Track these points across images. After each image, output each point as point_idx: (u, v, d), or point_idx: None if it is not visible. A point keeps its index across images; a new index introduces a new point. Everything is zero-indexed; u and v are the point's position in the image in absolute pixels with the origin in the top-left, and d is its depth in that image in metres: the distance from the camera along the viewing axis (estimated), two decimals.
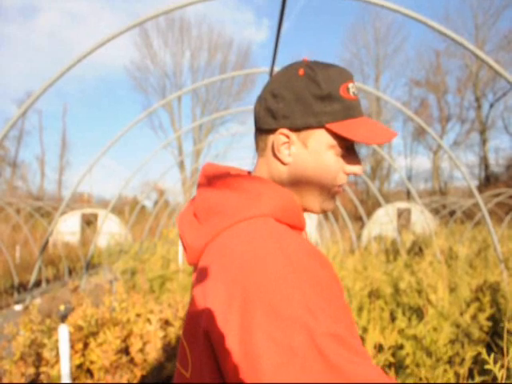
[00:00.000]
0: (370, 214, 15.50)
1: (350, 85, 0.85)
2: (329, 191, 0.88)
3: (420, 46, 40.86)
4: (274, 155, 0.87)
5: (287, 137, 0.85)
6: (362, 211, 8.40)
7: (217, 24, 46.27)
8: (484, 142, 27.64)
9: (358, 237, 11.47)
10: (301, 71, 0.84)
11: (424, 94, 29.98)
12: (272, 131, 0.86)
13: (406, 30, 31.51)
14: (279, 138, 0.85)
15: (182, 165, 27.67)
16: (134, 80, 30.38)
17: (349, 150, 0.87)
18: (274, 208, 0.80)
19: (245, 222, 0.77)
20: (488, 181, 26.25)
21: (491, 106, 27.36)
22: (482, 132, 27.55)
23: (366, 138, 0.81)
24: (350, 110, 0.84)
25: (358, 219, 15.55)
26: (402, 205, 15.65)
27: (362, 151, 29.90)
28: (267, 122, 0.87)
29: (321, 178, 0.86)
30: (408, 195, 25.93)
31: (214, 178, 0.88)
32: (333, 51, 42.11)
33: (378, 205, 14.82)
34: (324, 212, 0.92)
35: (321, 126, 0.83)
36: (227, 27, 41.86)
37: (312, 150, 0.84)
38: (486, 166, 27.62)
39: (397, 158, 30.92)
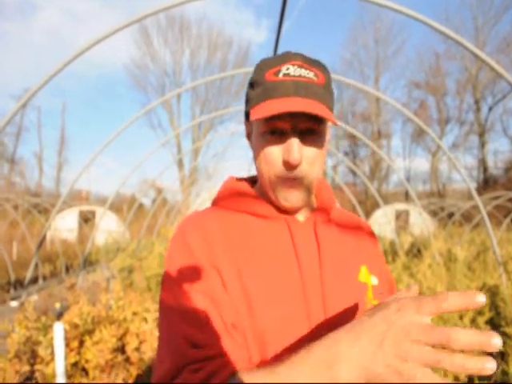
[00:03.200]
0: (368, 214, 15.50)
1: (284, 67, 0.81)
2: (275, 182, 0.84)
3: (420, 48, 40.85)
4: None
5: (247, 128, 0.92)
6: (360, 212, 8.39)
7: (217, 23, 46.17)
8: (483, 144, 27.65)
9: None
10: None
11: (423, 96, 30.00)
12: None
13: (406, 32, 31.48)
14: (245, 130, 0.92)
15: (180, 163, 27.63)
16: (133, 78, 30.23)
17: (285, 135, 0.82)
18: (216, 198, 0.95)
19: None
20: (486, 183, 26.27)
21: (490, 108, 27.37)
22: (481, 135, 27.56)
23: (256, 115, 0.79)
24: (269, 91, 0.81)
25: None
26: (401, 206, 15.67)
27: (361, 152, 29.94)
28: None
29: (260, 166, 0.86)
30: (406, 196, 25.93)
31: None
32: (333, 51, 42.18)
33: (376, 205, 14.83)
34: (287, 207, 0.87)
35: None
36: (227, 27, 41.88)
37: (252, 138, 0.88)
38: (485, 169, 27.63)
39: (395, 160, 30.94)
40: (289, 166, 0.81)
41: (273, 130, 0.82)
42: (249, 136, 0.93)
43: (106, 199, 8.55)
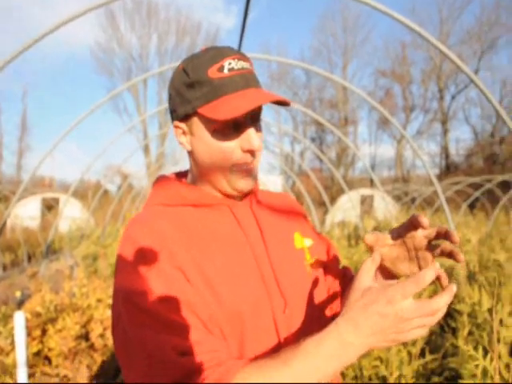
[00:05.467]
0: (334, 200, 15.76)
1: (226, 62, 0.84)
2: (230, 171, 0.88)
3: (387, 37, 41.47)
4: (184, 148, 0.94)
5: (180, 128, 0.91)
6: (325, 197, 8.53)
7: (185, 8, 45.27)
8: (445, 132, 28.48)
9: (322, 222, 11.66)
10: (180, 66, 0.89)
11: (389, 84, 30.51)
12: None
13: (374, 21, 31.75)
14: (176, 130, 0.92)
15: (146, 149, 27.19)
16: (98, 62, 29.37)
17: (240, 126, 0.86)
18: (153, 197, 0.96)
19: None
20: (448, 169, 27.14)
21: (453, 97, 28.17)
22: (444, 122, 28.37)
23: (227, 114, 0.81)
24: (221, 88, 0.84)
25: (322, 205, 15.81)
26: (366, 191, 15.97)
27: (328, 138, 30.27)
28: (171, 119, 0.95)
29: (214, 160, 0.88)
30: (372, 182, 26.49)
31: None
32: (302, 39, 42.18)
33: (342, 191, 15.06)
34: (240, 192, 0.92)
35: (195, 111, 0.86)
36: (195, 11, 41.05)
37: (198, 136, 0.89)
38: (447, 156, 28.52)
39: (361, 146, 31.46)
40: (252, 153, 0.87)
41: (229, 124, 0.85)
42: (183, 134, 0.93)
43: (71, 186, 8.33)
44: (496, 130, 25.46)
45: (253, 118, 0.87)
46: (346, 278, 1.08)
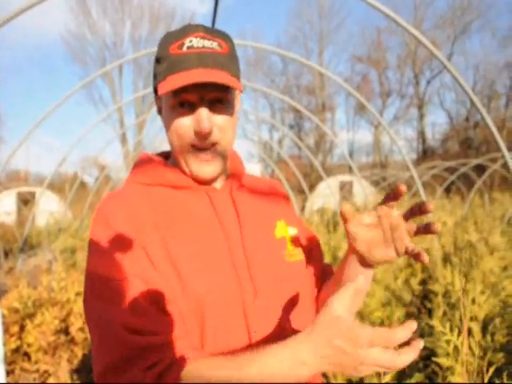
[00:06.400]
0: (313, 187, 15.87)
1: (187, 40, 0.84)
2: (187, 152, 0.87)
3: (362, 23, 41.51)
4: None
5: (157, 104, 0.94)
6: (304, 185, 8.58)
7: None
8: (421, 117, 28.87)
9: (302, 209, 11.74)
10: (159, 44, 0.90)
11: (366, 70, 30.68)
12: None
13: (349, 7, 31.73)
14: (156, 108, 0.94)
15: (123, 138, 26.76)
16: (71, 50, 28.62)
17: (194, 107, 0.85)
18: (132, 175, 0.94)
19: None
20: (425, 154, 27.56)
21: (428, 82, 28.52)
22: (420, 107, 28.73)
23: (163, 89, 0.82)
24: (174, 65, 0.83)
25: (301, 192, 15.90)
26: (345, 178, 16.14)
27: (306, 125, 30.34)
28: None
29: (171, 139, 0.88)
30: (350, 168, 26.73)
31: None
32: (277, 26, 41.90)
33: (321, 178, 15.17)
34: (199, 179, 0.90)
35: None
36: None
37: (163, 113, 0.90)
38: (424, 140, 28.95)
39: (339, 132, 31.63)
40: (200, 135, 0.84)
41: (181, 103, 0.84)
42: (159, 111, 0.94)
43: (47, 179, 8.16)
44: (470, 114, 25.92)
45: (211, 100, 0.85)
46: (325, 276, 1.05)
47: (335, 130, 30.52)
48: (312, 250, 1.05)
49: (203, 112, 0.84)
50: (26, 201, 15.71)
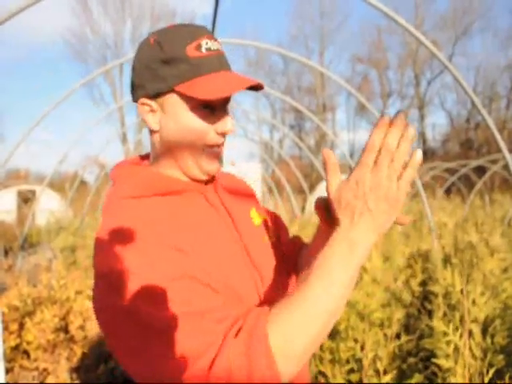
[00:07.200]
0: (313, 187, 15.87)
1: (203, 41, 0.84)
2: (201, 152, 0.88)
3: (363, 22, 41.52)
4: (148, 126, 0.90)
5: (148, 105, 0.88)
6: (304, 185, 8.57)
7: None
8: (422, 117, 28.92)
9: (302, 210, 11.74)
10: (151, 40, 0.86)
11: (366, 70, 30.69)
12: (137, 103, 0.90)
13: (350, 6, 31.72)
14: (142, 108, 0.89)
15: (124, 137, 26.76)
16: (72, 50, 28.65)
17: (214, 108, 0.87)
18: (124, 190, 0.88)
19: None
20: (425, 155, 27.56)
21: (429, 83, 28.56)
22: (420, 108, 28.76)
23: (208, 94, 0.81)
24: (200, 67, 0.83)
25: (301, 193, 15.90)
26: (345, 177, 16.11)
27: (307, 125, 30.35)
28: (132, 95, 0.92)
29: (186, 140, 0.87)
30: (351, 169, 26.67)
31: None
32: (279, 25, 41.89)
33: (321, 178, 15.15)
34: (208, 175, 0.92)
35: (170, 89, 0.84)
36: None
37: (170, 114, 0.86)
38: (424, 141, 28.97)
39: (340, 133, 31.62)
40: (223, 136, 0.88)
41: (206, 105, 0.85)
42: (151, 112, 0.88)
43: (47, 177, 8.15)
44: (471, 115, 25.94)
45: (225, 101, 0.89)
46: (296, 246, 1.16)
47: (336, 130, 30.56)
48: (281, 230, 1.16)
49: (226, 114, 0.89)
50: (26, 199, 15.73)
